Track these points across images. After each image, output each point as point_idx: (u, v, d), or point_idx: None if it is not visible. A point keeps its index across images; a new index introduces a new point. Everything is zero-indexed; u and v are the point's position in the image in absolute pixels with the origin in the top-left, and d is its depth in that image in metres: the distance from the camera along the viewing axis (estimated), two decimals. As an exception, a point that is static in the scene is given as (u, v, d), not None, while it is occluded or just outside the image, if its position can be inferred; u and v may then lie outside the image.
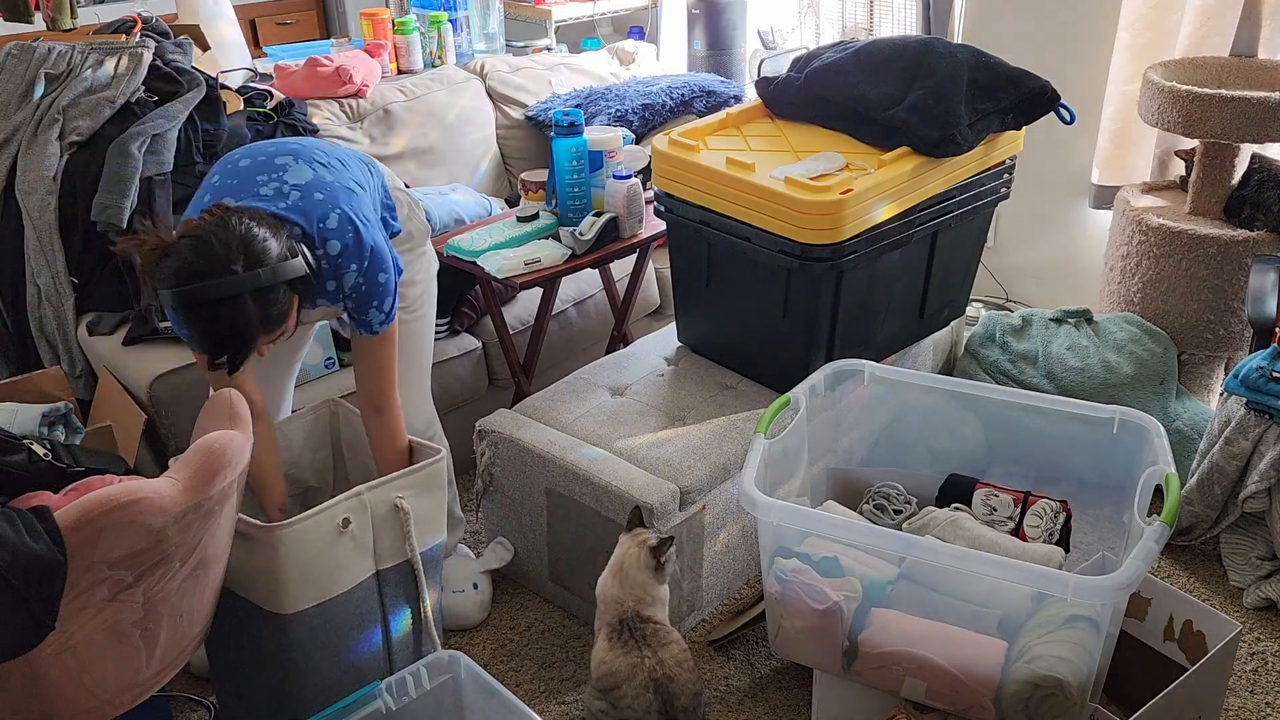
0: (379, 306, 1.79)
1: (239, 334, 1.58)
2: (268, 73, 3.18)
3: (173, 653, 1.56)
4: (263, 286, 1.57)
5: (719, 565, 2.29)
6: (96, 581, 1.37)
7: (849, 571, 1.87)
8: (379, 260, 1.75)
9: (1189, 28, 2.90)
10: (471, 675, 1.76)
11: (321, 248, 1.70)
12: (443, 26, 3.44)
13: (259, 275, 1.56)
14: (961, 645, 1.78)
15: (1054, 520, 2.12)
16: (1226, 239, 2.65)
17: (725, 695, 2.13)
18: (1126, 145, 3.12)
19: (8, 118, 2.53)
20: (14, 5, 2.94)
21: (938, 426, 2.29)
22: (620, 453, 2.20)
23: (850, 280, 2.26)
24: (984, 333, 2.90)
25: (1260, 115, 2.52)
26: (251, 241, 1.57)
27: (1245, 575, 2.34)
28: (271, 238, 1.60)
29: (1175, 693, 1.75)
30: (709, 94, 3.36)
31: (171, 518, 1.40)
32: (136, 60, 2.55)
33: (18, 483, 1.60)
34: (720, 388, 2.43)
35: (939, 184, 2.33)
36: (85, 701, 1.46)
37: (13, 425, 2.09)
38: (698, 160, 2.29)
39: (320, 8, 5.16)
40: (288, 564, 1.69)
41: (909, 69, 2.33)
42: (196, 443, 1.50)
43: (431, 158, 3.22)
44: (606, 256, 2.64)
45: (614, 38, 4.46)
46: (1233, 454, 2.29)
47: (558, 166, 2.68)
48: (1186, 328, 2.77)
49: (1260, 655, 2.17)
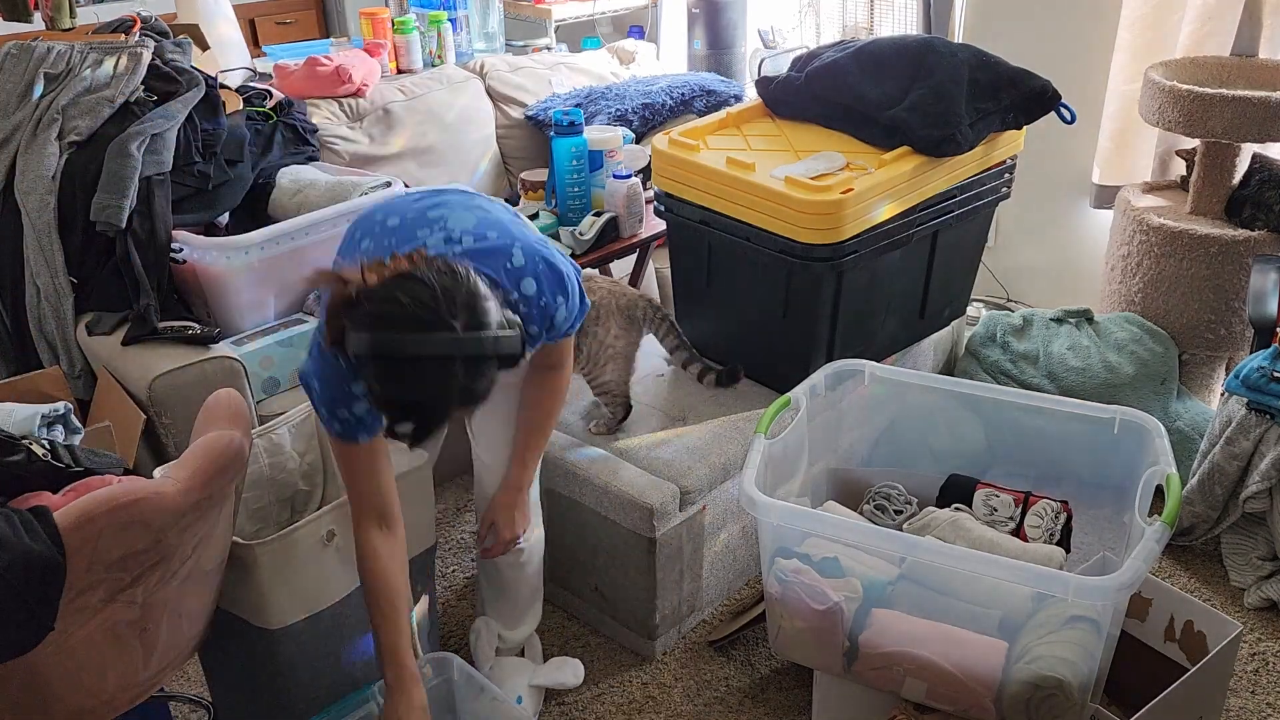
0: (569, 320, 1.67)
1: (435, 403, 1.37)
2: (267, 72, 3.17)
3: (171, 653, 1.56)
4: (478, 356, 1.36)
5: (719, 565, 2.29)
6: (95, 582, 1.37)
7: (849, 572, 1.86)
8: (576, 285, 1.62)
9: (1190, 27, 2.90)
10: (465, 677, 1.76)
11: (516, 290, 1.53)
12: (442, 26, 3.43)
13: (480, 341, 1.35)
14: (962, 646, 1.78)
15: (1055, 520, 2.11)
16: (1227, 239, 2.65)
17: (725, 695, 2.13)
18: (1127, 145, 3.12)
19: (7, 117, 2.53)
20: (13, 5, 2.94)
21: (938, 426, 2.28)
22: (620, 453, 2.20)
23: (850, 280, 2.26)
24: (985, 333, 2.89)
25: (1261, 115, 2.52)
26: (478, 300, 1.37)
27: (1246, 575, 2.34)
28: (494, 302, 1.40)
29: (1176, 693, 1.75)
30: (709, 93, 3.36)
31: (171, 518, 1.40)
32: (136, 60, 2.55)
33: (16, 483, 1.60)
34: (720, 388, 2.43)
35: (939, 184, 2.32)
36: (84, 702, 1.45)
37: (11, 425, 2.08)
38: (698, 160, 2.29)
39: (320, 7, 5.15)
40: (272, 579, 1.67)
41: (909, 68, 2.33)
42: (196, 443, 1.50)
43: (431, 157, 3.21)
44: (606, 256, 2.64)
45: (614, 37, 4.46)
46: (1234, 454, 2.29)
47: (558, 166, 2.67)
48: (1187, 328, 2.76)
49: (1261, 656, 2.17)
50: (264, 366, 2.39)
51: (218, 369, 2.27)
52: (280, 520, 1.98)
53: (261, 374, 2.39)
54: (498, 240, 1.55)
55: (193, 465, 1.44)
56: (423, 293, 1.33)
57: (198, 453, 1.46)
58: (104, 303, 2.46)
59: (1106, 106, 3.12)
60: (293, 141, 2.80)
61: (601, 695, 2.14)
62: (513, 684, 2.03)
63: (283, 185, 2.63)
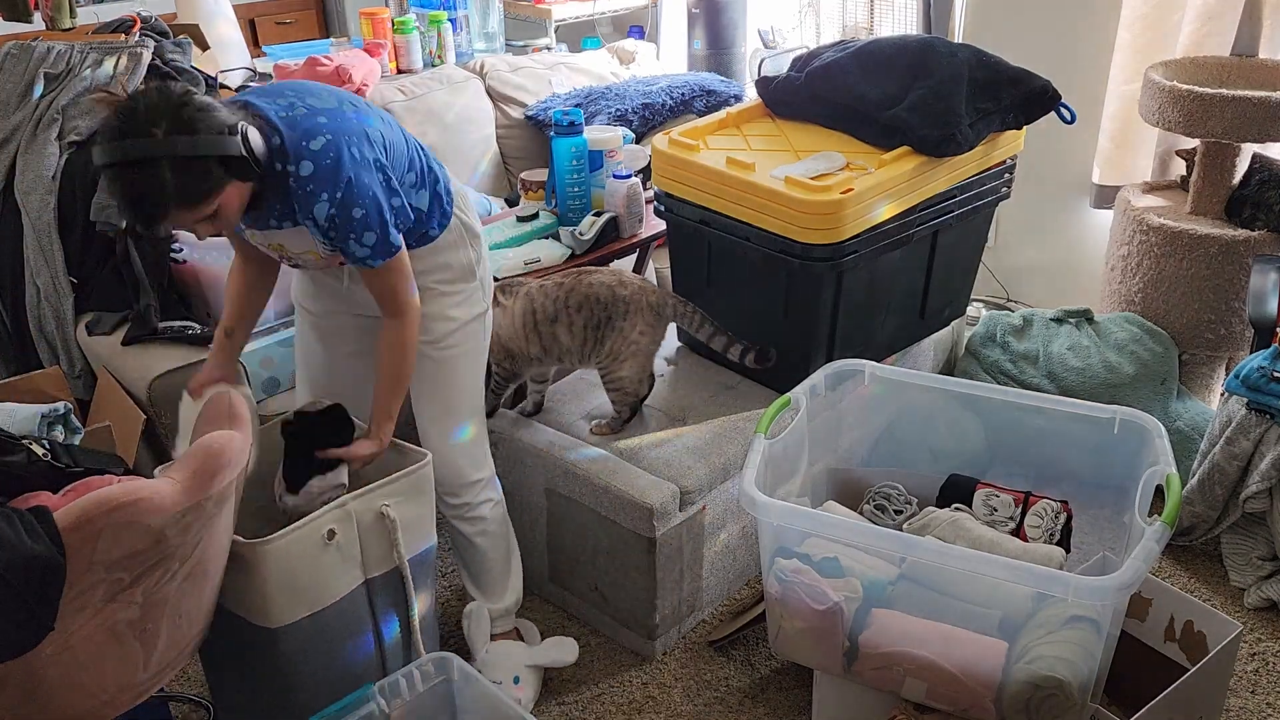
0: (357, 240, 1.69)
1: (149, 199, 1.51)
2: (267, 72, 3.18)
3: (171, 653, 1.56)
4: (182, 155, 1.50)
5: (719, 565, 2.29)
6: (95, 582, 1.37)
7: (849, 572, 1.86)
8: (356, 193, 1.65)
9: (1190, 27, 2.90)
10: (465, 677, 1.75)
11: (294, 164, 1.62)
12: (442, 26, 3.43)
13: (176, 142, 1.49)
14: (962, 646, 1.78)
15: (1054, 520, 2.11)
16: (1227, 239, 2.65)
17: (725, 695, 2.13)
18: (1127, 145, 3.12)
19: (7, 117, 2.53)
20: (13, 4, 2.94)
21: (938, 426, 2.28)
22: (620, 453, 2.20)
23: (850, 280, 2.26)
24: (985, 333, 2.89)
25: (1261, 115, 2.52)
26: (183, 108, 1.51)
27: (1246, 575, 2.34)
28: (215, 113, 1.53)
29: (1176, 693, 1.75)
30: (709, 93, 3.36)
31: (171, 518, 1.40)
32: (136, 60, 2.55)
33: (17, 483, 1.60)
34: (720, 388, 2.43)
35: (939, 184, 2.32)
36: (84, 702, 1.45)
37: (12, 425, 2.09)
38: (698, 160, 2.29)
39: (320, 7, 5.16)
40: (274, 578, 1.67)
41: (909, 68, 2.33)
42: (195, 443, 1.50)
43: (431, 157, 3.21)
44: (606, 256, 2.64)
45: (614, 37, 4.46)
46: (1234, 454, 2.28)
47: (558, 166, 2.67)
48: (1187, 328, 2.76)
49: (1261, 656, 2.17)
50: (264, 366, 2.39)
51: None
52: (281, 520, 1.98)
53: (261, 374, 2.39)
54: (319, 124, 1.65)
55: (193, 465, 1.44)
56: (126, 107, 1.50)
57: (198, 453, 1.46)
58: (104, 303, 2.46)
59: (1106, 106, 3.12)
60: (293, 141, 2.80)
61: (601, 695, 2.14)
62: (509, 665, 2.07)
63: (283, 185, 2.63)
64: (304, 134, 1.63)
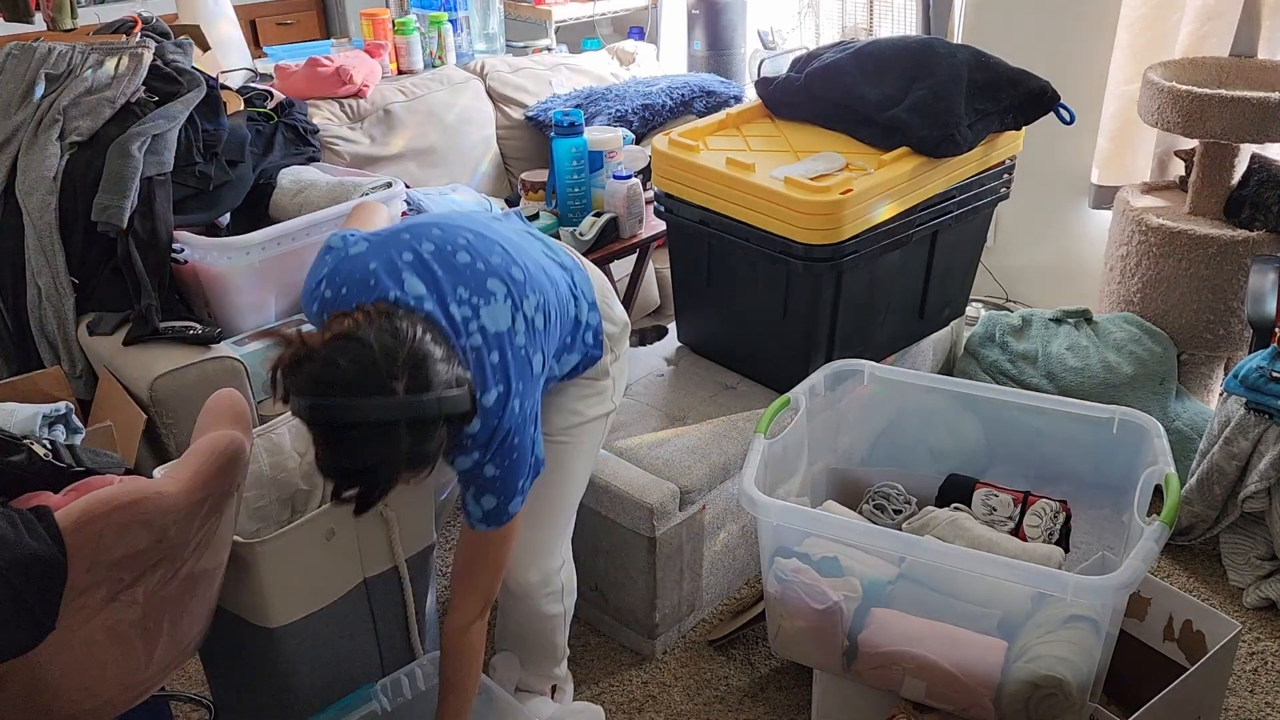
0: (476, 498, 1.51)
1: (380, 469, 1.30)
2: (268, 73, 3.18)
3: (173, 652, 1.56)
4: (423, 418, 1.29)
5: (719, 565, 2.29)
6: (96, 581, 1.37)
7: (849, 571, 1.87)
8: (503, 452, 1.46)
9: (1189, 28, 2.90)
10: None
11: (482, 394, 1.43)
12: (443, 27, 3.44)
13: (423, 403, 1.28)
14: (961, 645, 1.78)
15: (1054, 520, 2.12)
16: (1226, 239, 2.65)
17: (725, 695, 2.13)
18: (1126, 145, 3.12)
19: (8, 118, 2.53)
20: (14, 5, 2.94)
21: (938, 426, 2.29)
22: (620, 453, 2.20)
23: (850, 280, 2.27)
24: (984, 333, 2.90)
25: (1260, 115, 2.52)
26: (424, 361, 1.29)
27: (1245, 575, 2.34)
28: (444, 360, 1.32)
29: (1175, 693, 1.75)
30: (709, 94, 3.36)
31: (172, 518, 1.40)
32: (137, 60, 2.55)
33: (18, 483, 1.60)
34: (720, 388, 2.43)
35: (939, 184, 2.33)
36: (85, 701, 1.46)
37: (12, 425, 2.09)
38: (698, 160, 2.29)
39: (320, 8, 5.16)
40: (272, 578, 1.67)
41: (909, 69, 2.33)
42: (198, 442, 1.50)
43: (431, 158, 3.22)
44: (606, 256, 2.64)
45: (614, 38, 4.46)
46: (1232, 454, 2.29)
47: (558, 166, 2.68)
48: (1186, 328, 2.77)
49: (1260, 655, 2.17)
50: (265, 367, 2.38)
51: (219, 369, 2.28)
52: (280, 520, 1.98)
53: (262, 374, 2.38)
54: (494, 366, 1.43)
55: (193, 465, 1.45)
56: (363, 354, 1.27)
57: (199, 452, 1.47)
58: (105, 303, 2.46)
59: (1105, 107, 3.12)
60: (294, 142, 2.81)
61: (601, 694, 2.15)
62: None
63: (283, 186, 2.64)
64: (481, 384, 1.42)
